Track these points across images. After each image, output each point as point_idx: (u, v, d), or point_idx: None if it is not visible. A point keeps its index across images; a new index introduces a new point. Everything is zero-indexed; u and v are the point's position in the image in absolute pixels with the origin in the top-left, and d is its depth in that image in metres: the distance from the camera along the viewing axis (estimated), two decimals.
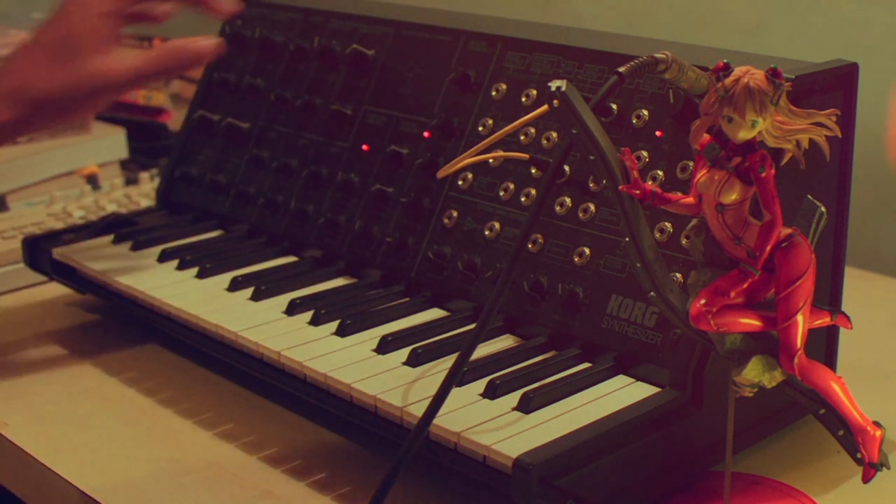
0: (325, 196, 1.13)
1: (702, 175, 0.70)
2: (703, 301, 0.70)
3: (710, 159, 0.69)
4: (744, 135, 0.67)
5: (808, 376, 0.71)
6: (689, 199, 0.71)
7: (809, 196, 0.74)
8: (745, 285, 0.70)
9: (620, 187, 0.71)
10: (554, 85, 0.72)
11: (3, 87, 1.05)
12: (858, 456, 0.73)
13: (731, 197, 0.69)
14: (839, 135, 0.69)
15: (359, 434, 0.94)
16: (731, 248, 0.70)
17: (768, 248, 0.68)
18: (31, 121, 1.07)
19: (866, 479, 0.73)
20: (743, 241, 0.69)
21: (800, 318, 0.69)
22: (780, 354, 0.71)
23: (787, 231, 0.70)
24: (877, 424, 0.72)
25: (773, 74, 0.66)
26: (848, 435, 0.74)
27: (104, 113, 1.65)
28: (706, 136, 0.70)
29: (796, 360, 0.70)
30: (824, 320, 0.74)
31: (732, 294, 0.70)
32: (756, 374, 0.72)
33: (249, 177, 1.20)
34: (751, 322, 0.71)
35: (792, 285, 0.69)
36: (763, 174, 0.67)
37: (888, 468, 0.74)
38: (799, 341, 0.70)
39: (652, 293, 0.73)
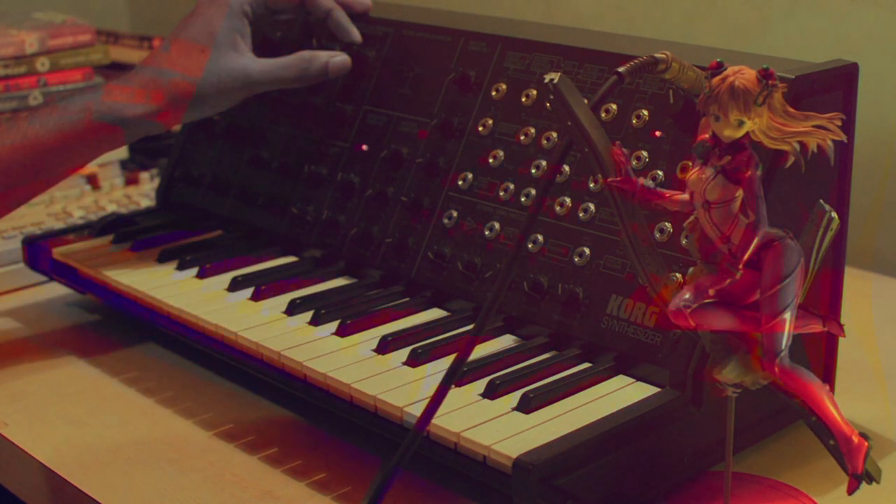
0: (325, 196, 1.13)
1: (692, 172, 0.70)
2: (686, 296, 0.69)
3: (700, 156, 0.69)
4: (730, 133, 0.67)
5: (790, 381, 0.70)
6: (684, 196, 0.71)
7: (821, 201, 0.73)
8: (725, 284, 0.69)
9: (608, 179, 0.71)
10: (547, 77, 0.72)
11: (141, 79, 1.09)
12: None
13: (716, 194, 0.68)
14: (844, 139, 0.68)
15: (359, 434, 0.94)
16: (720, 246, 0.70)
17: (750, 247, 0.68)
18: (169, 115, 1.09)
19: (850, 491, 0.71)
20: (731, 240, 0.69)
21: (783, 319, 0.69)
22: (763, 355, 0.70)
23: (779, 233, 0.69)
24: (863, 436, 0.71)
25: (764, 75, 0.66)
26: (838, 445, 0.73)
27: None
28: (702, 134, 0.70)
29: (777, 363, 0.70)
30: (815, 326, 0.73)
31: (711, 292, 0.69)
32: (737, 374, 0.72)
33: (249, 177, 1.20)
34: (730, 321, 0.70)
35: (777, 285, 0.68)
36: (747, 174, 0.67)
37: (877, 482, 0.73)
38: (783, 343, 0.69)
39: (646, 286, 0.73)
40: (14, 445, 0.96)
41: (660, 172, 0.90)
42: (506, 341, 0.95)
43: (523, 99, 1.01)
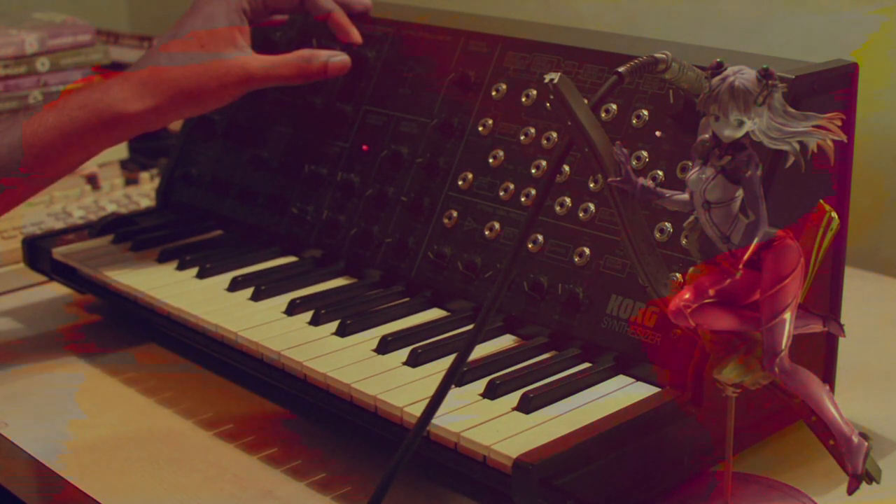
0: (325, 196, 1.13)
1: (692, 172, 0.70)
2: (685, 296, 0.69)
3: (700, 156, 0.69)
4: (730, 133, 0.67)
5: (790, 380, 0.70)
6: (684, 196, 0.71)
7: (821, 201, 0.73)
8: (725, 284, 0.69)
9: (609, 179, 0.71)
10: (547, 77, 0.72)
11: (140, 75, 1.09)
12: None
13: (716, 194, 0.68)
14: (844, 139, 0.68)
15: (359, 434, 0.94)
16: (720, 246, 0.70)
17: (751, 247, 0.68)
18: (168, 110, 1.09)
19: (850, 491, 0.71)
20: (731, 240, 0.69)
21: (784, 318, 0.69)
22: (763, 355, 0.70)
23: (779, 232, 0.69)
24: (863, 436, 0.71)
25: (763, 75, 0.66)
26: (838, 445, 0.72)
27: None
28: (702, 134, 0.70)
29: (777, 363, 0.69)
30: (815, 326, 0.73)
31: (711, 292, 0.69)
32: (737, 374, 0.72)
33: (249, 177, 1.20)
34: (730, 321, 0.70)
35: (778, 284, 0.68)
36: (748, 174, 0.67)
37: (877, 482, 0.73)
38: (783, 342, 0.69)
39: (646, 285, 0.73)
40: (14, 445, 0.96)
41: (660, 172, 0.90)
42: (506, 341, 0.95)
43: (523, 99, 1.01)
